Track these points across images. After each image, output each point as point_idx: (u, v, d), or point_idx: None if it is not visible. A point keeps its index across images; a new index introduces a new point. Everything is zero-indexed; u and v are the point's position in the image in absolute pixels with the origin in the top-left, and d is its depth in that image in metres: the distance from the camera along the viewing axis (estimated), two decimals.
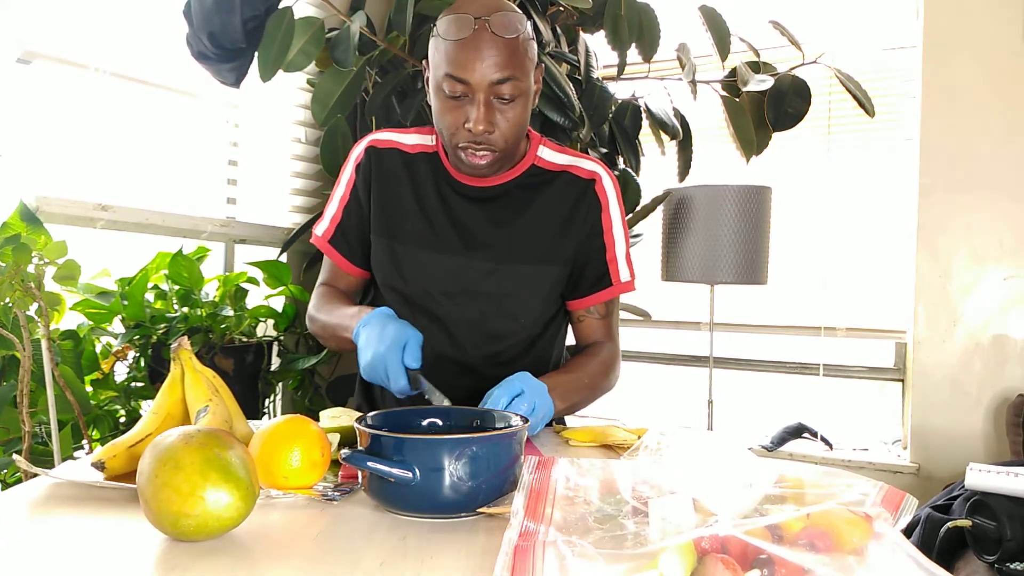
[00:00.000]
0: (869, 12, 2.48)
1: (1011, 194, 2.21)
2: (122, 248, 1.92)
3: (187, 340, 0.93)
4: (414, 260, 1.22)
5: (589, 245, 1.23)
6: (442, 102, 1.10)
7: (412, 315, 1.22)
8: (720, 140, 2.56)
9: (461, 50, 1.05)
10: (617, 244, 1.24)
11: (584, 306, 1.26)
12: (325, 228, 1.29)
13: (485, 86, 1.06)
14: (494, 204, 1.21)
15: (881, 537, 0.54)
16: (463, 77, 1.05)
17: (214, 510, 0.64)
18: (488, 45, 1.04)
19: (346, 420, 0.99)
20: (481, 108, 1.06)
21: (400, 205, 1.23)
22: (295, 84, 2.39)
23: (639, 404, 2.86)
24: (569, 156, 1.26)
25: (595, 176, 1.24)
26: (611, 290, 1.25)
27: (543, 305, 1.23)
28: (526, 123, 1.14)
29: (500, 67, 1.05)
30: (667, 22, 2.15)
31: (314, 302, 1.28)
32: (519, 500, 0.63)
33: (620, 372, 1.28)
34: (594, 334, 1.28)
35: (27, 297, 1.46)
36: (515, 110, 1.09)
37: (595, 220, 1.23)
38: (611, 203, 1.24)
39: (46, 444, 1.51)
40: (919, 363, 2.31)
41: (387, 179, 1.24)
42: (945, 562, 1.58)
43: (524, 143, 1.24)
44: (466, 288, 1.20)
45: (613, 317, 1.29)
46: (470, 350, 1.22)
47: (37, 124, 1.74)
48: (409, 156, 1.25)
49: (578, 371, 1.19)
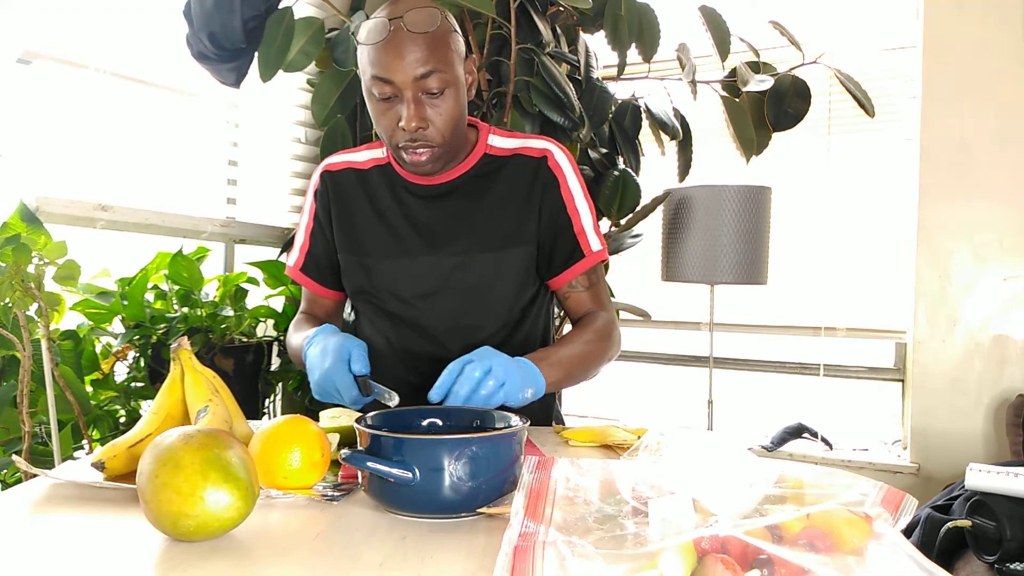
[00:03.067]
0: (869, 12, 2.48)
1: (1011, 194, 2.21)
2: (122, 248, 1.92)
3: (187, 340, 0.93)
4: (383, 270, 1.23)
5: (555, 221, 1.23)
6: (375, 106, 1.12)
7: (390, 324, 1.24)
8: (720, 140, 2.56)
9: (382, 52, 1.07)
10: (583, 215, 1.24)
11: (565, 281, 1.26)
12: (296, 258, 1.33)
13: (410, 83, 1.07)
14: (451, 198, 1.23)
15: (881, 537, 0.54)
16: (387, 77, 1.07)
17: (214, 510, 0.64)
18: (406, 43, 1.07)
19: (346, 420, 0.99)
20: (411, 106, 1.08)
21: (360, 221, 1.25)
22: (295, 84, 2.39)
23: (639, 404, 2.87)
24: (519, 139, 1.27)
25: (546, 152, 1.24)
26: (585, 261, 1.24)
27: (517, 289, 1.24)
28: (461, 115, 1.15)
29: (421, 62, 1.07)
30: (667, 22, 2.15)
31: (290, 331, 1.31)
32: (519, 500, 0.63)
33: (620, 340, 1.27)
34: (583, 306, 1.27)
35: (27, 297, 1.46)
36: (446, 103, 1.11)
37: (555, 195, 1.23)
38: (568, 176, 1.24)
39: (46, 444, 1.51)
40: (919, 363, 2.31)
41: (344, 199, 1.27)
42: (945, 562, 1.58)
43: (473, 134, 1.25)
44: (437, 287, 1.22)
45: (600, 287, 1.29)
46: (451, 346, 1.22)
47: (37, 124, 1.75)
48: (363, 172, 1.28)
49: (571, 342, 1.18)
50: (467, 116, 1.19)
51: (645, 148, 2.33)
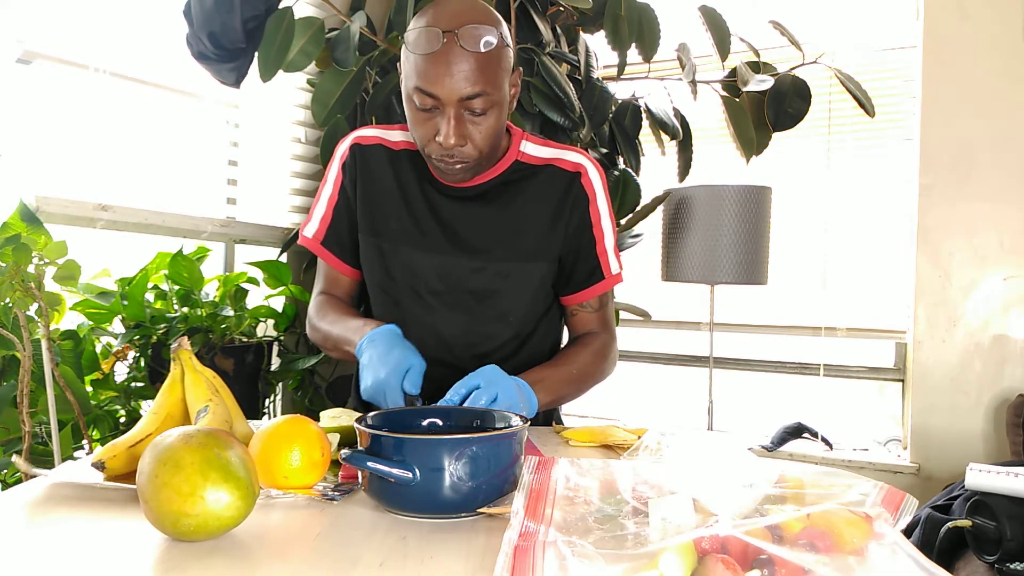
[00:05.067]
0: (869, 12, 2.48)
1: (1011, 194, 2.21)
2: (122, 248, 1.92)
3: (187, 340, 0.93)
4: (400, 258, 1.21)
5: (579, 239, 1.22)
6: (413, 113, 1.08)
7: (400, 318, 1.21)
8: (720, 140, 2.56)
9: (430, 64, 1.02)
10: (606, 237, 1.24)
11: (578, 301, 1.26)
12: (316, 229, 1.26)
13: (455, 101, 1.03)
14: (479, 202, 1.20)
15: (881, 537, 0.54)
16: (432, 91, 1.03)
17: (214, 510, 0.64)
18: (457, 59, 1.01)
19: (346, 420, 0.99)
20: (452, 122, 1.04)
21: (386, 202, 1.22)
22: (295, 84, 2.39)
23: (639, 404, 2.87)
24: (553, 149, 1.24)
25: (580, 168, 1.22)
26: (603, 283, 1.24)
27: (532, 302, 1.23)
28: (501, 132, 1.12)
29: (470, 82, 1.02)
30: (667, 22, 2.15)
31: (315, 311, 1.26)
32: (519, 500, 0.63)
33: (616, 360, 1.27)
34: (587, 326, 1.27)
35: (27, 297, 1.46)
36: (487, 122, 1.07)
37: (583, 214, 1.22)
38: (598, 195, 1.23)
39: (46, 444, 1.51)
40: (919, 363, 2.31)
41: (373, 176, 1.23)
42: (945, 562, 1.58)
43: (506, 139, 1.22)
44: (453, 287, 1.20)
45: (607, 309, 1.29)
46: (459, 352, 1.21)
47: (37, 124, 1.75)
48: (394, 152, 1.24)
49: (566, 363, 1.18)
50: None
51: (645, 148, 2.33)
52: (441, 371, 1.19)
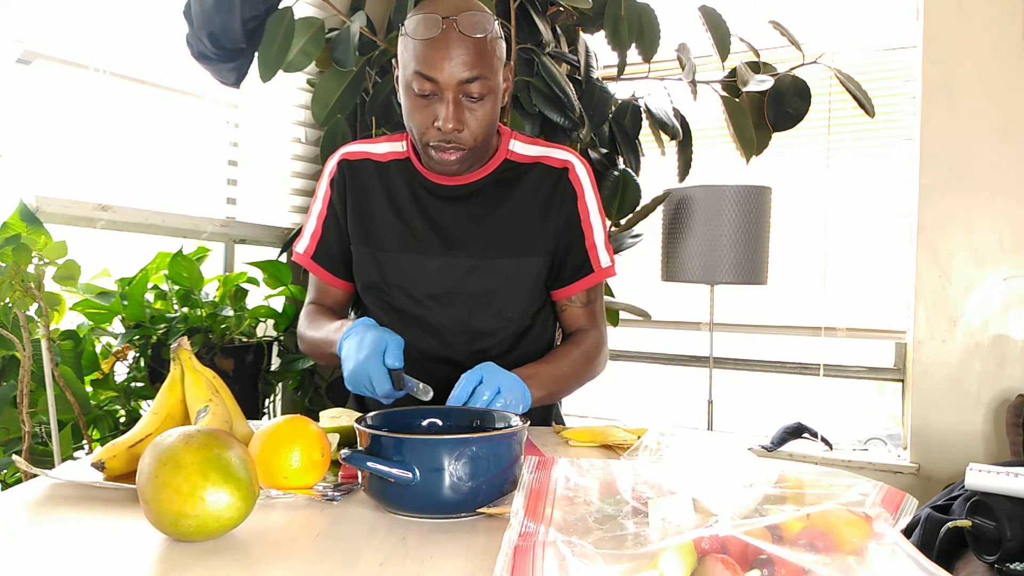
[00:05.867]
0: (869, 12, 2.48)
1: (1011, 194, 2.21)
2: (122, 248, 1.92)
3: (187, 340, 0.93)
4: (396, 265, 1.23)
5: (568, 234, 1.24)
6: (412, 101, 1.11)
7: (399, 321, 1.23)
8: (720, 140, 2.56)
9: (429, 49, 1.07)
10: (595, 231, 1.25)
11: (567, 295, 1.27)
12: (307, 245, 1.30)
13: (454, 85, 1.07)
14: (470, 201, 1.22)
15: (881, 537, 0.54)
16: (432, 76, 1.07)
17: (214, 510, 0.64)
18: (456, 44, 1.06)
19: (346, 420, 0.99)
20: (450, 107, 1.08)
21: (377, 214, 1.25)
22: (295, 84, 2.39)
23: (639, 404, 2.87)
24: (541, 147, 1.27)
25: (567, 164, 1.25)
26: (592, 276, 1.26)
27: (528, 297, 1.24)
28: (496, 120, 1.16)
29: (469, 66, 1.07)
30: (667, 22, 2.15)
31: (302, 321, 1.30)
32: (519, 500, 0.63)
33: (607, 358, 1.28)
34: (577, 322, 1.28)
35: (27, 297, 1.46)
36: (484, 108, 1.11)
37: (571, 209, 1.24)
38: (586, 191, 1.25)
39: (46, 444, 1.51)
40: (919, 363, 2.31)
41: (361, 190, 1.26)
42: (945, 562, 1.58)
43: (495, 139, 1.25)
44: (450, 288, 1.21)
45: (596, 304, 1.30)
46: (459, 348, 1.22)
47: (37, 124, 1.75)
48: (382, 165, 1.27)
49: (558, 360, 1.19)
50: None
51: (645, 148, 2.33)
52: (441, 369, 1.19)
